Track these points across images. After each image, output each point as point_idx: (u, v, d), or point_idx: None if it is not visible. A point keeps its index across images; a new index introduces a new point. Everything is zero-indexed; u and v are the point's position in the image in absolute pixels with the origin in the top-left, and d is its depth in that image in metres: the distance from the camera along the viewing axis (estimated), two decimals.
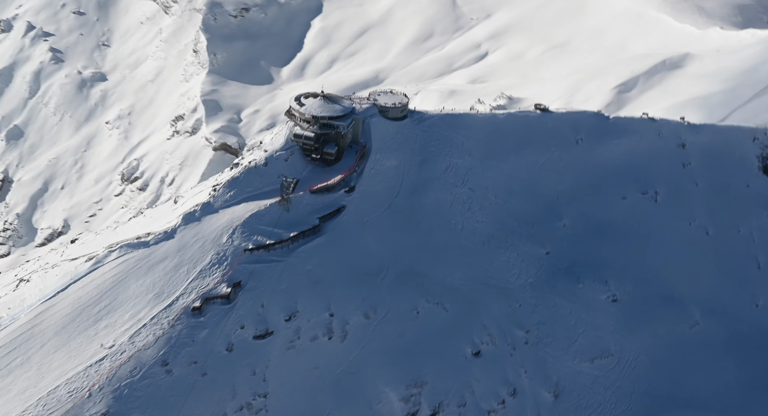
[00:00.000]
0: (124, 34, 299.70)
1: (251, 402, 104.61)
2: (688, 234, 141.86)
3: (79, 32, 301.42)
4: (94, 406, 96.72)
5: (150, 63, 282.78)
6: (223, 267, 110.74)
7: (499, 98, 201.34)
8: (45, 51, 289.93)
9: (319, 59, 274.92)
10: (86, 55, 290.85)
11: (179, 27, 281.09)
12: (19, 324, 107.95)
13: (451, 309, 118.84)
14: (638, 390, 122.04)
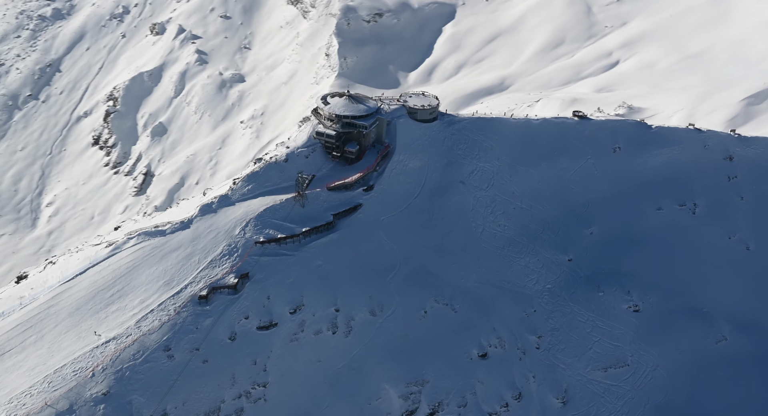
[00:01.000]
0: (264, 38, 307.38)
1: (250, 391, 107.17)
2: (725, 248, 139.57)
3: (224, 35, 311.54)
4: (96, 386, 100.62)
5: (285, 65, 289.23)
6: (233, 259, 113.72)
7: (619, 107, 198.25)
8: (192, 53, 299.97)
9: (447, 65, 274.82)
10: (228, 57, 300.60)
11: (315, 31, 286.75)
12: (38, 304, 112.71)
13: (460, 311, 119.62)
14: (653, 402, 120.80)
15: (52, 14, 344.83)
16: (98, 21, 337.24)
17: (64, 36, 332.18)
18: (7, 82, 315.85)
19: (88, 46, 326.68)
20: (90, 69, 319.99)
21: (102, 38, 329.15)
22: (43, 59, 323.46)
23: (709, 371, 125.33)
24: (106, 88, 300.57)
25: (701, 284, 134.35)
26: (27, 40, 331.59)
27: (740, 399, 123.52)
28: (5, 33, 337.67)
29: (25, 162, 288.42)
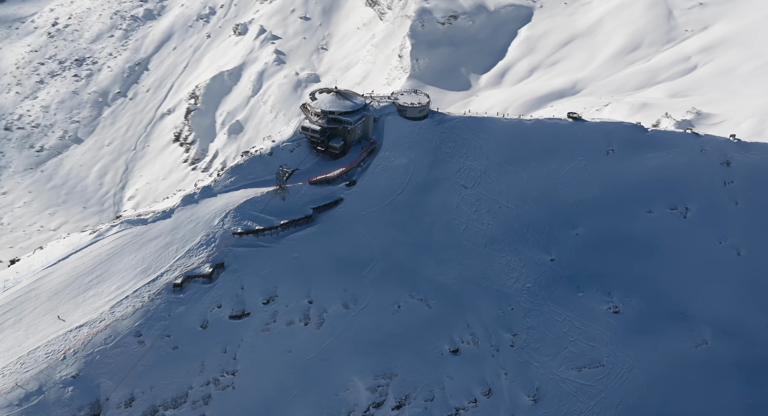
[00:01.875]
0: (341, 39, 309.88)
1: (219, 378, 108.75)
2: (715, 252, 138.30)
3: (302, 36, 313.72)
4: (66, 368, 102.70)
5: (360, 66, 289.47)
6: (210, 249, 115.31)
7: (687, 113, 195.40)
8: (271, 53, 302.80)
9: (520, 67, 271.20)
10: (305, 57, 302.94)
11: (390, 33, 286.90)
12: (19, 288, 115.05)
13: (435, 307, 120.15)
14: (626, 402, 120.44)
15: (143, 15, 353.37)
16: (186, 21, 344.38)
17: (154, 36, 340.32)
18: (99, 80, 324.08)
19: (175, 46, 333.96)
20: (175, 68, 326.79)
21: (188, 38, 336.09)
22: (133, 58, 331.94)
23: (685, 374, 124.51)
24: (189, 86, 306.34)
25: (687, 288, 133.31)
26: (119, 40, 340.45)
27: (715, 404, 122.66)
28: (100, 32, 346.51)
29: (110, 157, 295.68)
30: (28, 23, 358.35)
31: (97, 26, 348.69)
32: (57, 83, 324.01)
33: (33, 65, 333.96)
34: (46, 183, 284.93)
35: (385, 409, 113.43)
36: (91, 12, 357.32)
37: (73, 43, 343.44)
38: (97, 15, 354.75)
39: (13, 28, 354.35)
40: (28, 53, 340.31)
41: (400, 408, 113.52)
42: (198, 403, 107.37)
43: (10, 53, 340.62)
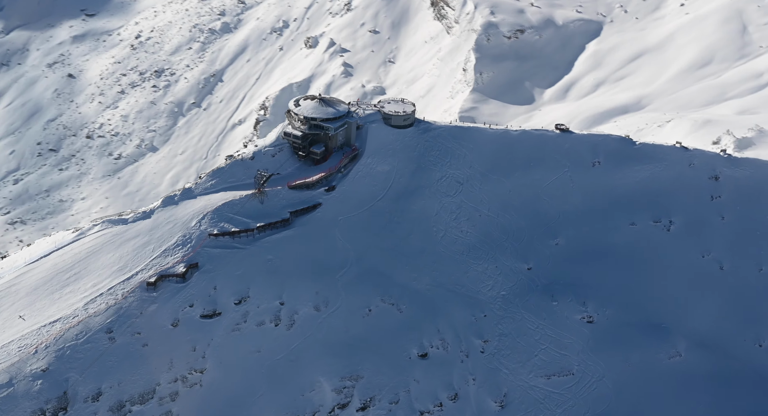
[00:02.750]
0: (408, 52, 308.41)
1: (187, 376, 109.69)
2: (697, 266, 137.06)
3: (370, 49, 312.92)
4: (36, 362, 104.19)
5: (425, 80, 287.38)
6: (186, 249, 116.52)
7: (749, 130, 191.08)
8: (339, 65, 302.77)
9: (585, 82, 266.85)
10: (372, 70, 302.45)
11: (456, 47, 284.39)
12: (1, 283, 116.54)
13: (406, 311, 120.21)
14: (592, 411, 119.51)
15: (221, 28, 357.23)
16: (260, 34, 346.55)
17: (229, 48, 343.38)
18: (176, 90, 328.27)
19: (249, 58, 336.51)
20: (248, 79, 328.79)
21: (262, 51, 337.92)
22: (209, 69, 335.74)
23: (656, 385, 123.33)
24: (260, 97, 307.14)
25: (665, 300, 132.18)
26: (196, 52, 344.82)
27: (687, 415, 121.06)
28: (179, 45, 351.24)
29: (183, 165, 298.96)
30: (114, 36, 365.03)
31: (176, 39, 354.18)
32: (137, 93, 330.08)
33: (116, 76, 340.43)
34: (122, 189, 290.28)
35: (350, 410, 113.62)
36: (172, 25, 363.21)
37: (154, 55, 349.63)
38: (178, 28, 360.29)
39: (100, 41, 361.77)
40: (112, 64, 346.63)
41: (364, 409, 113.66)
42: (165, 400, 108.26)
43: (96, 65, 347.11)
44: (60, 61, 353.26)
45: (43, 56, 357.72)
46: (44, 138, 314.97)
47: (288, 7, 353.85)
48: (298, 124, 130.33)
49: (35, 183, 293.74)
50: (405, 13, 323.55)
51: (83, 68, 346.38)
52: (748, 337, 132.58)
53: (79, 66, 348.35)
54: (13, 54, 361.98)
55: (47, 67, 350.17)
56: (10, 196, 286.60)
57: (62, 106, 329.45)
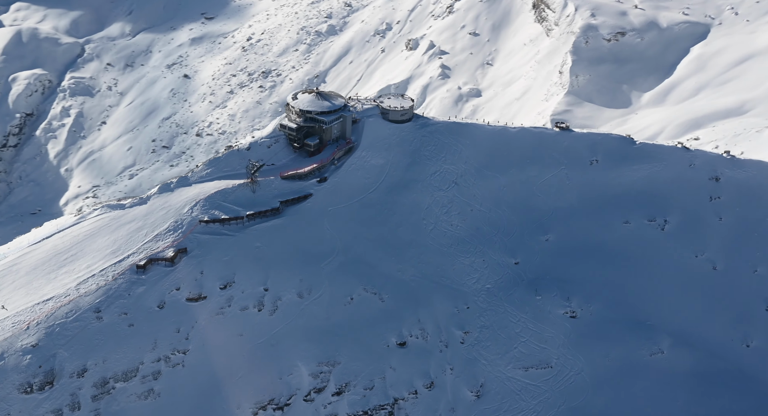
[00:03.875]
0: (507, 55, 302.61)
1: (170, 356, 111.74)
2: (689, 265, 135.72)
3: (469, 52, 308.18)
4: (27, 338, 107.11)
5: (521, 82, 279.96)
6: (176, 234, 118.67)
7: None
8: (437, 67, 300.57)
9: (687, 86, 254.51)
10: (470, 72, 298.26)
11: (554, 49, 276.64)
12: (5, 262, 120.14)
13: (388, 301, 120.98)
14: (568, 404, 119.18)
15: (327, 30, 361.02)
16: (363, 37, 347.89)
17: (333, 50, 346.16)
18: (280, 91, 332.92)
19: (351, 60, 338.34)
20: (350, 80, 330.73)
21: (364, 53, 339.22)
22: (312, 71, 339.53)
23: (634, 381, 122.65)
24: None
25: (653, 298, 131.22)
26: (302, 54, 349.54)
27: (659, 412, 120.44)
28: (287, 47, 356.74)
29: None
30: (229, 38, 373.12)
31: (284, 41, 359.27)
32: (244, 93, 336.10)
33: (226, 77, 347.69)
34: None
35: (326, 395, 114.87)
36: (281, 28, 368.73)
37: (263, 57, 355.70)
38: (286, 31, 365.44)
39: (216, 43, 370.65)
40: (224, 65, 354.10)
41: (339, 394, 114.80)
42: (147, 378, 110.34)
43: (210, 66, 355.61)
44: (178, 63, 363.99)
45: (163, 57, 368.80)
46: (158, 135, 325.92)
47: (392, 9, 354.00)
48: (294, 117, 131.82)
49: (148, 178, 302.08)
50: (506, 16, 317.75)
51: (198, 69, 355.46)
52: (736, 337, 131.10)
53: (194, 67, 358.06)
54: (138, 55, 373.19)
55: (166, 68, 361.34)
56: (125, 190, 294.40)
57: (176, 105, 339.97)
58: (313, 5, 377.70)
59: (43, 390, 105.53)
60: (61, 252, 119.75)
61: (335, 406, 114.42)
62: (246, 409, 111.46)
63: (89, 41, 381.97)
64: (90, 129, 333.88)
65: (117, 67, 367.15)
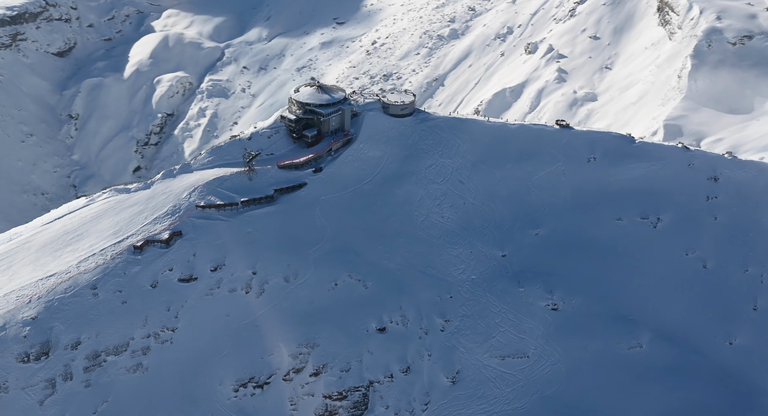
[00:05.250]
0: (627, 59, 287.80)
1: (159, 333, 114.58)
2: (679, 263, 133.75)
3: (588, 55, 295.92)
4: (28, 311, 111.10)
5: (638, 87, 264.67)
6: (174, 218, 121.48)
7: None
8: (553, 71, 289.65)
9: None
10: (586, 76, 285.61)
11: (675, 53, 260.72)
12: (19, 240, 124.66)
13: (371, 288, 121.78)
14: (541, 392, 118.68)
15: (449, 34, 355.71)
16: (484, 40, 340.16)
17: (453, 54, 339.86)
18: None
19: (471, 64, 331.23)
20: (467, 84, 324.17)
21: (484, 56, 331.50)
22: (432, 74, 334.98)
23: (610, 373, 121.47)
24: (476, 102, 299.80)
25: (637, 293, 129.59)
26: (423, 57, 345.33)
27: (631, 403, 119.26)
28: (409, 50, 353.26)
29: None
30: (356, 42, 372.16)
31: (407, 45, 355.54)
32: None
33: (349, 79, 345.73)
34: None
35: (304, 375, 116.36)
36: (405, 32, 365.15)
37: (385, 60, 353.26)
38: (410, 34, 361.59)
39: (344, 47, 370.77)
40: (348, 69, 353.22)
41: (317, 375, 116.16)
42: (137, 353, 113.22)
43: (335, 69, 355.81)
44: (307, 66, 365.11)
45: (294, 61, 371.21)
46: None
47: (515, 13, 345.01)
48: (295, 109, 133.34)
49: None
50: (629, 19, 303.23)
51: (324, 72, 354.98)
52: (719, 335, 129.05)
53: (321, 70, 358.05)
54: (272, 59, 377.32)
55: (296, 71, 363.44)
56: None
57: None
58: (437, 9, 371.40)
59: (39, 360, 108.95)
60: (69, 231, 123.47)
61: (312, 386, 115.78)
62: (227, 386, 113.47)
63: (229, 45, 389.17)
64: (222, 129, 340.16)
65: (252, 70, 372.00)
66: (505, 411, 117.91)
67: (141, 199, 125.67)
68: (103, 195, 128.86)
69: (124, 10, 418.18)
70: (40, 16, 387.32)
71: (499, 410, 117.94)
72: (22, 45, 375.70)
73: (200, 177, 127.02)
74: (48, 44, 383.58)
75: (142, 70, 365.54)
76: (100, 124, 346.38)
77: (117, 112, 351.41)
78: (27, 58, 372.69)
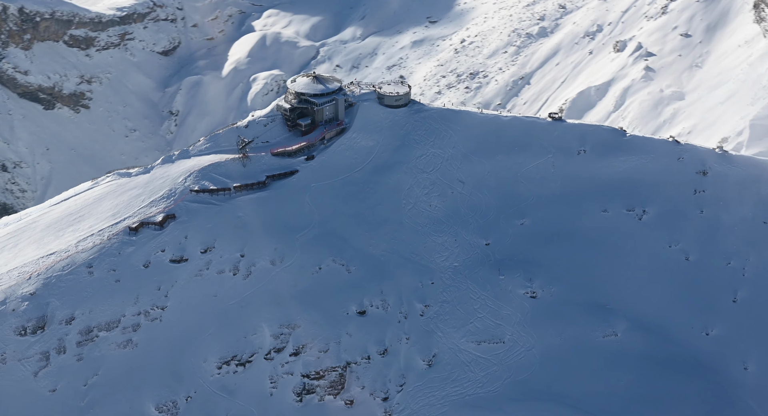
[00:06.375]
0: (719, 57, 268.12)
1: (149, 311, 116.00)
2: (661, 255, 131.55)
3: (678, 53, 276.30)
4: (27, 286, 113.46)
5: (728, 86, 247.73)
6: (168, 201, 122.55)
7: None
8: (640, 69, 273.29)
9: None
10: (675, 75, 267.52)
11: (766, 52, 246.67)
12: (28, 219, 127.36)
13: (354, 272, 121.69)
14: (514, 377, 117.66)
15: (537, 32, 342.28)
16: (573, 39, 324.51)
17: (541, 52, 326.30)
18: (485, 92, 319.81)
19: (558, 62, 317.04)
20: (554, 82, 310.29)
21: (572, 54, 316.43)
22: (519, 72, 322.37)
23: (583, 360, 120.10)
24: (561, 100, 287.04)
25: (617, 283, 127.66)
26: (511, 56, 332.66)
27: (601, 389, 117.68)
28: (496, 49, 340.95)
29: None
30: (446, 41, 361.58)
31: (495, 43, 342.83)
32: (450, 94, 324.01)
33: (436, 78, 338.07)
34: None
35: (284, 355, 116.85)
36: (494, 30, 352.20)
37: (472, 59, 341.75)
38: (498, 33, 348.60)
39: (434, 46, 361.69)
40: (435, 67, 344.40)
41: (297, 355, 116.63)
42: (128, 329, 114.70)
43: (424, 67, 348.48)
44: (397, 64, 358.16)
45: (386, 60, 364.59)
46: None
47: (606, 11, 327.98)
48: (290, 98, 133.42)
49: None
50: (723, 16, 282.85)
51: (413, 70, 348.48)
52: (697, 325, 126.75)
53: (410, 68, 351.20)
54: (364, 58, 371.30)
55: (386, 69, 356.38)
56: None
57: None
58: (528, 8, 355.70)
59: (35, 333, 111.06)
60: (73, 213, 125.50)
61: (291, 366, 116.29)
62: (211, 363, 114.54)
63: (324, 44, 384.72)
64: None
65: (344, 69, 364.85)
66: (477, 394, 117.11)
67: (140, 183, 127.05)
68: (107, 178, 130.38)
69: (227, 11, 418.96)
70: (147, 16, 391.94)
71: (471, 393, 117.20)
72: (130, 44, 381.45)
73: (197, 162, 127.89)
74: (154, 43, 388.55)
75: (240, 69, 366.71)
76: (198, 120, 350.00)
77: (214, 108, 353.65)
78: (134, 57, 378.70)
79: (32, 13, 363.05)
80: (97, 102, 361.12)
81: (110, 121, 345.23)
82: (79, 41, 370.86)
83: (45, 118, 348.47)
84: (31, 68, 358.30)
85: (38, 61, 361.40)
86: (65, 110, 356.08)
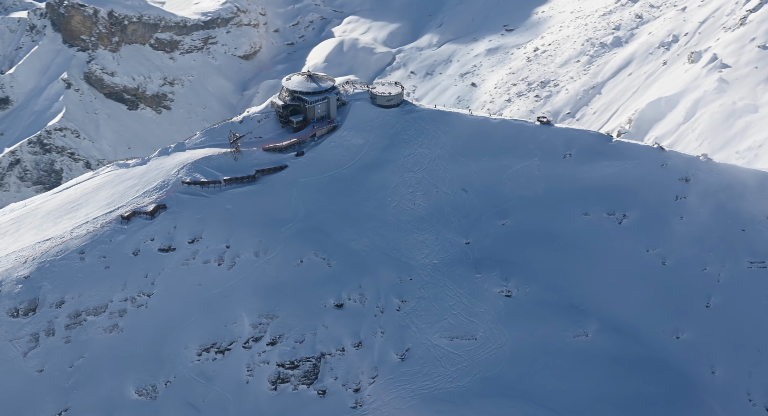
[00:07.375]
0: None
1: (136, 297, 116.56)
2: (638, 259, 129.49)
3: (754, 65, 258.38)
4: (23, 269, 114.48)
5: None
6: (161, 192, 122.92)
7: None
8: (713, 81, 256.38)
9: None
10: (750, 87, 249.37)
11: None
12: (31, 206, 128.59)
13: (335, 266, 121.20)
14: (482, 373, 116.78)
15: (612, 42, 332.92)
16: (647, 49, 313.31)
17: (614, 62, 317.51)
18: (554, 101, 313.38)
19: (631, 72, 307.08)
20: (625, 93, 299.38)
21: (645, 65, 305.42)
22: (590, 82, 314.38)
23: (552, 359, 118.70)
24: (631, 111, 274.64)
25: (592, 285, 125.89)
26: (583, 65, 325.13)
27: (568, 388, 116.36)
28: (569, 58, 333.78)
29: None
30: (521, 49, 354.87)
31: (568, 52, 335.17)
32: (520, 102, 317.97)
33: (507, 86, 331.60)
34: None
35: (262, 344, 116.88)
36: (568, 39, 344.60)
37: (544, 67, 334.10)
38: (572, 42, 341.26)
39: (508, 54, 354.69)
40: (507, 75, 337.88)
41: (274, 344, 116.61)
42: (114, 314, 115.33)
43: (496, 75, 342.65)
44: (471, 72, 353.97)
45: (459, 67, 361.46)
46: None
47: (683, 21, 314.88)
48: (284, 96, 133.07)
49: None
50: None
51: (485, 78, 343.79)
52: (668, 328, 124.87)
53: (483, 76, 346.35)
54: (438, 64, 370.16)
55: (459, 76, 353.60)
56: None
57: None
58: (604, 17, 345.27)
59: (27, 315, 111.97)
60: (71, 201, 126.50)
61: (268, 355, 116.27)
62: (192, 350, 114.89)
63: (400, 51, 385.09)
64: None
65: (418, 75, 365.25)
66: (446, 388, 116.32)
67: (136, 174, 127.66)
68: (106, 169, 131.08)
69: (308, 17, 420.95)
70: (231, 21, 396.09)
71: (441, 387, 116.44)
72: (212, 48, 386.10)
73: (191, 155, 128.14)
74: (235, 48, 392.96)
75: None
76: None
77: None
78: (215, 61, 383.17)
79: (121, 17, 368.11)
80: (178, 103, 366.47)
81: (189, 122, 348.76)
82: (164, 44, 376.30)
83: (128, 118, 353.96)
84: (117, 69, 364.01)
85: (124, 63, 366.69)
86: (147, 111, 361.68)
